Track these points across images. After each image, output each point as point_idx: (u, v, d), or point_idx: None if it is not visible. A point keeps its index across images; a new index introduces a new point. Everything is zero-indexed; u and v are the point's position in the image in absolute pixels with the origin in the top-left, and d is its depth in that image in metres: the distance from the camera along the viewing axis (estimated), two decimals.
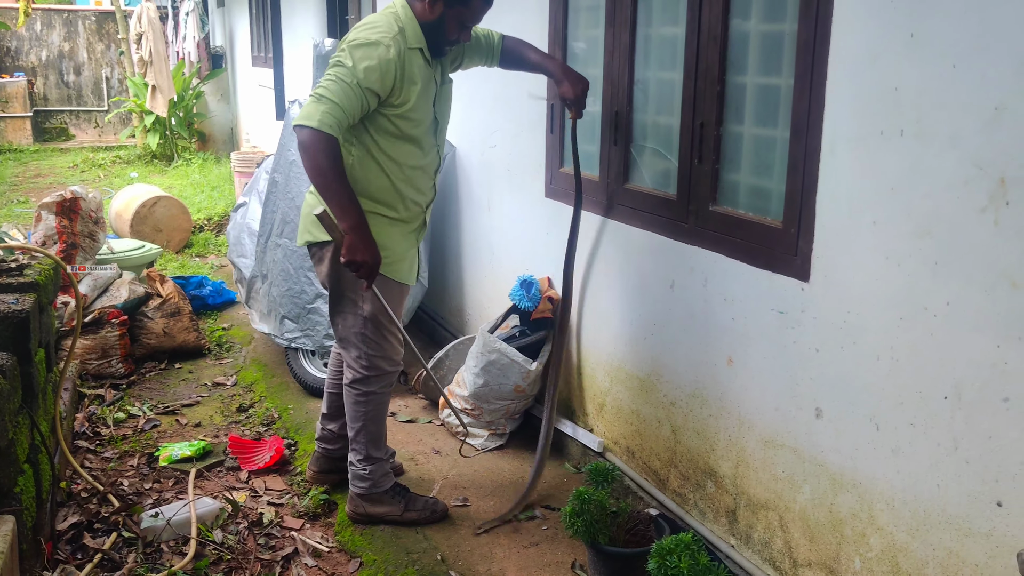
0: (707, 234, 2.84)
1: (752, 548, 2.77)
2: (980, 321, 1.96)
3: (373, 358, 3.13)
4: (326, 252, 3.07)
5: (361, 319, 3.08)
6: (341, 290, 3.09)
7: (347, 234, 2.82)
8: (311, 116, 2.74)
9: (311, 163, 2.77)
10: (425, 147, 3.07)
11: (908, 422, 2.17)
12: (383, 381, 3.19)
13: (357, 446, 3.24)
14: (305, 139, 2.75)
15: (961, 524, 2.05)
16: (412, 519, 3.24)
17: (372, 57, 2.80)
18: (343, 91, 2.78)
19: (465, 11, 2.94)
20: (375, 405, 3.21)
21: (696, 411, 2.98)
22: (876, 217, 2.21)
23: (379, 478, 3.25)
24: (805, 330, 2.48)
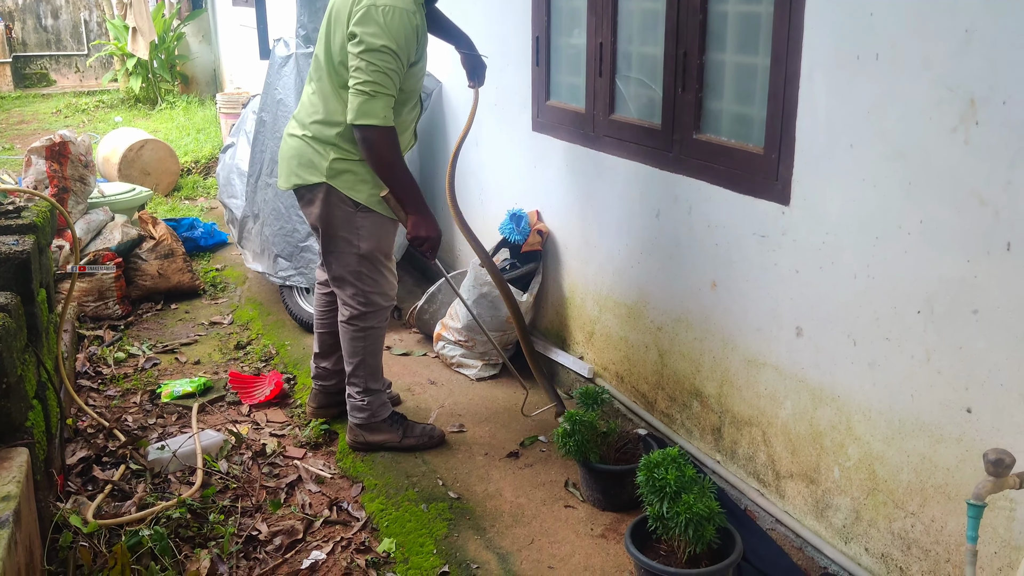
0: (691, 162, 2.91)
1: (737, 463, 2.90)
2: (951, 238, 2.05)
3: (369, 294, 3.20)
4: (317, 194, 3.10)
5: (357, 257, 3.13)
6: (334, 231, 3.14)
7: (411, 215, 3.04)
8: (374, 114, 2.84)
9: (379, 159, 2.93)
10: (414, 99, 3.15)
11: (883, 336, 2.27)
12: (380, 316, 3.26)
13: (356, 380, 3.32)
14: (371, 136, 2.88)
15: (933, 431, 2.17)
16: (410, 445, 3.35)
17: (406, 33, 2.86)
18: (393, 81, 2.87)
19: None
20: (373, 339, 3.29)
21: (682, 335, 3.08)
22: (853, 140, 2.28)
23: (377, 408, 3.35)
24: (785, 252, 2.56)
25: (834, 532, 2.53)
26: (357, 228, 3.10)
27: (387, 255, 3.19)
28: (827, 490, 2.53)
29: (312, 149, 3.07)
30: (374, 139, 2.87)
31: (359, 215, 3.09)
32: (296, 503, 3.12)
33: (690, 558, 2.42)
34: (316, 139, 3.06)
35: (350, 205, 3.07)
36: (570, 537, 2.84)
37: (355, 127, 2.88)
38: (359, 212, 3.09)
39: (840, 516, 2.50)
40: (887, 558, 2.36)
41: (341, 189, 3.05)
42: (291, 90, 4.42)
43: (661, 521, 2.39)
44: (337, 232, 3.13)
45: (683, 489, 2.36)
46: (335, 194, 3.06)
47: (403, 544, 2.84)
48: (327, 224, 3.13)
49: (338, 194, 3.06)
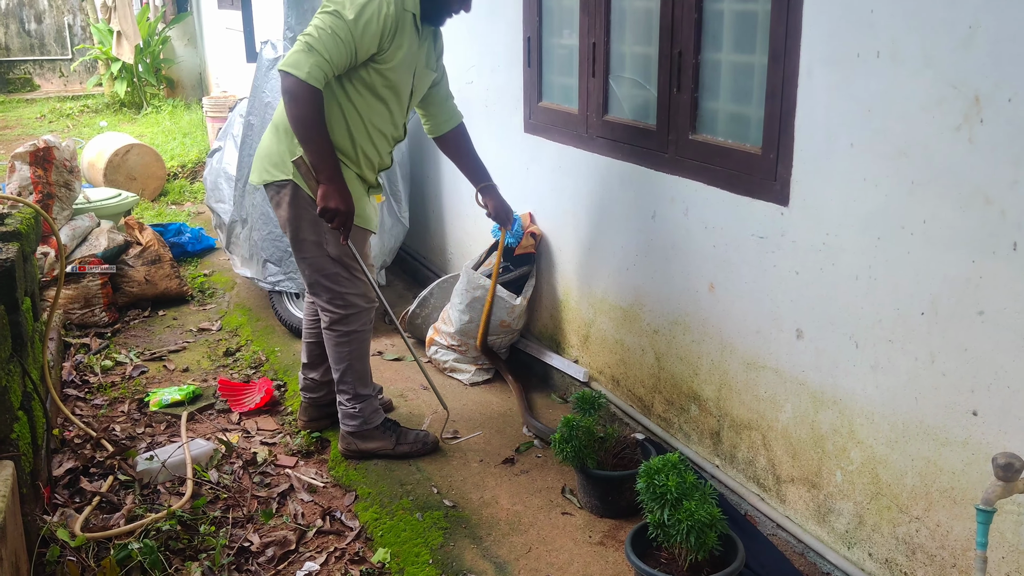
0: (687, 163, 2.87)
1: (736, 467, 2.86)
2: (955, 237, 2.02)
3: (347, 296, 3.13)
4: (283, 195, 3.04)
5: (328, 260, 3.07)
6: (302, 234, 3.07)
7: (322, 184, 2.88)
8: (299, 65, 2.74)
9: (294, 112, 2.80)
10: (393, 112, 3.07)
11: (886, 338, 2.24)
12: (361, 318, 3.19)
13: (344, 386, 3.26)
14: (291, 87, 2.77)
15: (938, 434, 2.13)
16: (404, 452, 3.29)
17: (369, 13, 2.79)
18: (336, 45, 2.77)
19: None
20: (357, 344, 3.22)
21: (679, 337, 3.04)
22: (853, 139, 2.24)
23: (369, 415, 3.28)
24: (785, 254, 2.53)
25: (836, 537, 2.49)
26: (324, 231, 3.02)
27: (356, 260, 3.10)
28: (829, 495, 2.50)
29: (283, 147, 3.02)
30: (293, 90, 2.76)
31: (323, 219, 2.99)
32: (288, 513, 3.07)
33: (691, 566, 2.38)
34: (287, 136, 3.00)
35: (314, 209, 2.97)
36: (568, 545, 2.80)
37: (280, 74, 2.79)
38: None
39: (843, 521, 2.46)
40: (891, 563, 2.32)
41: (307, 189, 2.98)
42: (279, 93, 4.35)
43: (662, 528, 2.35)
44: (304, 235, 3.06)
45: (684, 495, 2.32)
46: (301, 195, 3.00)
47: (398, 554, 2.79)
48: (295, 227, 3.07)
49: (304, 195, 3.00)
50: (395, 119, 3.10)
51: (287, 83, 2.78)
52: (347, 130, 3.00)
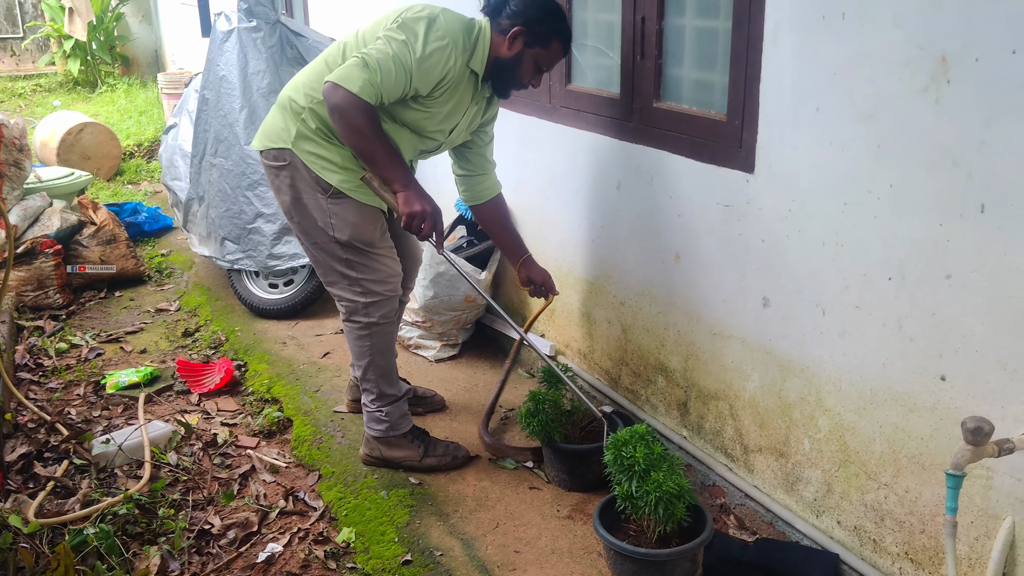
0: (652, 132, 2.82)
1: (704, 437, 2.84)
2: (923, 201, 1.99)
3: (365, 282, 2.85)
4: (282, 179, 2.79)
5: (339, 246, 2.81)
6: (307, 220, 2.81)
7: (399, 192, 2.65)
8: (352, 80, 2.51)
9: (348, 126, 2.57)
10: (417, 145, 2.87)
11: (853, 305, 2.21)
12: (383, 307, 2.89)
13: (368, 385, 3.00)
14: (341, 101, 2.53)
15: (906, 400, 2.12)
16: (431, 465, 3.02)
17: (437, 58, 2.60)
18: (395, 73, 2.56)
19: (544, 53, 2.77)
20: (380, 337, 2.94)
21: (645, 309, 3.01)
22: (819, 104, 2.21)
23: (396, 420, 3.02)
24: (751, 222, 2.49)
25: (805, 506, 2.48)
26: (329, 216, 2.77)
27: (371, 243, 2.83)
28: (797, 463, 2.48)
29: (286, 123, 2.77)
30: (343, 104, 2.52)
31: (330, 202, 2.76)
32: (250, 494, 3.00)
33: (660, 537, 2.36)
34: (293, 115, 2.76)
35: (320, 190, 2.75)
36: (536, 520, 2.76)
37: (325, 91, 2.55)
38: (330, 198, 2.76)
39: (811, 489, 2.45)
40: (860, 530, 2.31)
41: (309, 165, 2.73)
42: (234, 66, 4.25)
43: (630, 500, 2.32)
44: (309, 221, 2.81)
45: (652, 467, 2.29)
46: (302, 177, 2.75)
47: (363, 533, 2.74)
48: (299, 213, 2.82)
49: (304, 177, 2.75)
50: (416, 150, 2.88)
51: (336, 97, 2.53)
52: None
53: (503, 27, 2.73)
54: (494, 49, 2.74)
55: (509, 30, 2.72)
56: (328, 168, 2.74)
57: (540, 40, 2.74)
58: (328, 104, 2.56)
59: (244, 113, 4.24)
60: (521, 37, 2.72)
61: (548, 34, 2.74)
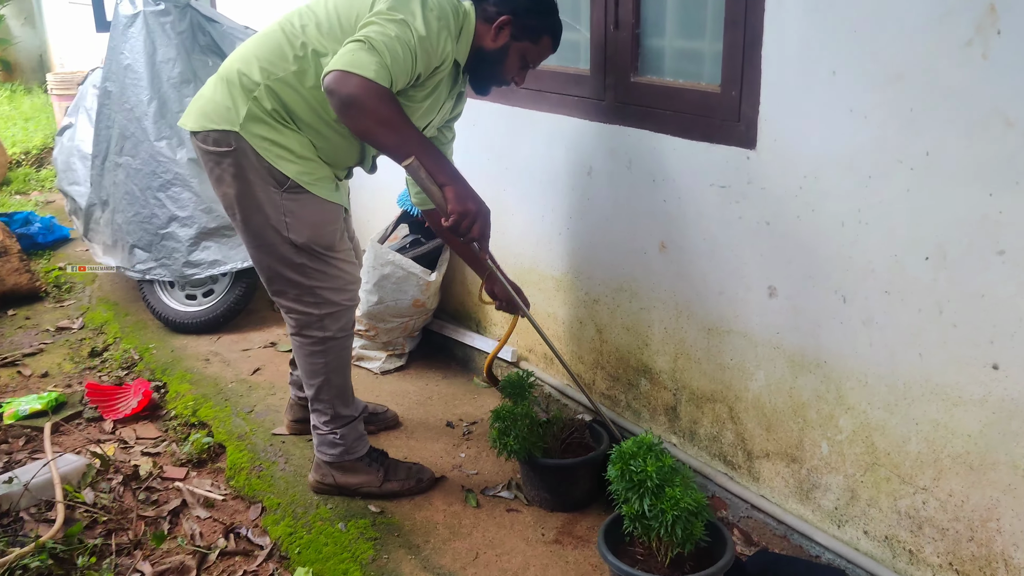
0: (629, 109, 2.56)
1: (698, 444, 2.59)
2: (967, 169, 1.77)
3: (319, 290, 2.49)
4: (225, 166, 2.37)
5: (292, 248, 2.42)
6: (256, 217, 2.40)
7: (448, 186, 2.24)
8: (364, 65, 2.10)
9: (372, 118, 2.14)
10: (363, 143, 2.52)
11: (881, 290, 1.99)
12: (340, 320, 2.55)
13: (320, 406, 2.64)
14: (358, 91, 2.09)
15: (949, 393, 1.90)
16: (393, 490, 2.69)
17: (439, 36, 2.27)
18: (404, 57, 2.18)
19: (532, 49, 2.46)
20: (336, 353, 2.59)
21: (624, 306, 2.74)
22: (835, 66, 1.97)
23: (352, 442, 2.67)
24: (752, 203, 2.25)
25: (824, 515, 2.25)
26: (283, 214, 2.38)
27: (330, 246, 2.47)
28: (813, 468, 2.25)
29: (230, 101, 2.35)
30: (360, 93, 2.08)
31: (286, 197, 2.38)
32: (183, 534, 2.61)
33: (673, 560, 2.08)
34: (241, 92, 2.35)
35: (273, 183, 2.36)
36: (520, 546, 2.46)
37: (332, 83, 2.10)
38: (285, 193, 2.37)
39: (831, 497, 2.22)
40: (892, 541, 2.09)
41: (261, 153, 2.33)
42: (140, 53, 3.82)
43: (640, 521, 2.04)
44: (259, 220, 2.40)
45: (665, 482, 2.01)
46: (250, 165, 2.34)
47: (321, 573, 2.39)
48: (246, 209, 2.40)
49: (254, 165, 2.35)
50: (364, 148, 2.53)
51: (351, 87, 2.09)
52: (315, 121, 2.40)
53: (489, 15, 2.41)
54: (478, 39, 2.43)
55: (495, 19, 2.40)
56: (284, 157, 2.36)
57: (529, 33, 2.44)
58: (339, 96, 2.10)
59: (153, 106, 3.81)
60: (508, 28, 2.41)
61: (538, 27, 2.45)
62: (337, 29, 2.34)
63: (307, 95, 2.34)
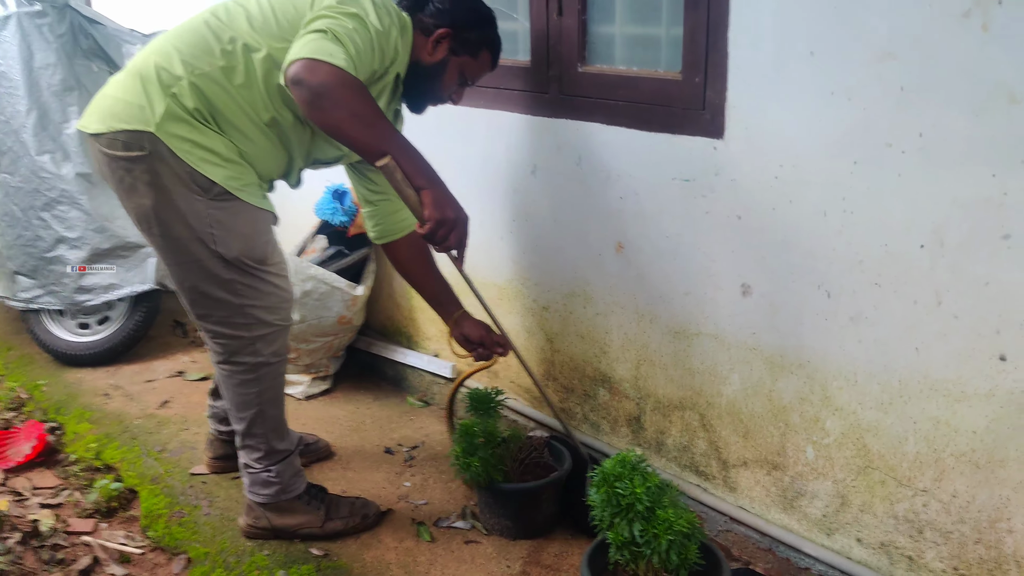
0: (577, 102, 2.39)
1: (666, 456, 2.43)
2: (967, 149, 1.66)
3: (252, 311, 2.21)
4: (138, 172, 2.05)
5: (221, 263, 2.13)
6: (175, 230, 2.10)
7: (426, 190, 1.97)
8: (332, 54, 1.84)
9: (346, 107, 1.85)
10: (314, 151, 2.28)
11: (871, 282, 1.87)
12: (274, 342, 2.27)
13: (253, 441, 2.36)
14: (329, 80, 1.82)
15: (951, 389, 1.79)
16: (337, 529, 2.42)
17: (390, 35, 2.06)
18: (365, 49, 1.96)
19: (472, 64, 2.27)
20: (270, 380, 2.32)
21: (578, 312, 2.56)
22: (814, 46, 1.85)
23: (289, 479, 2.40)
24: (721, 196, 2.10)
25: (811, 524, 2.12)
26: (210, 224, 2.09)
27: (263, 259, 2.19)
28: (798, 475, 2.11)
29: (144, 98, 2.04)
30: (333, 87, 1.82)
31: (213, 205, 2.09)
32: None
33: None
34: (163, 75, 2.04)
35: (196, 190, 2.07)
36: None
37: (300, 72, 1.82)
38: (212, 201, 2.08)
39: (818, 505, 2.09)
40: (889, 547, 1.97)
41: (182, 156, 2.03)
42: (15, 60, 3.42)
43: (629, 548, 1.85)
44: (181, 233, 2.10)
45: (655, 503, 1.84)
46: (167, 170, 2.04)
47: None
48: (164, 222, 2.10)
49: (172, 171, 2.04)
50: (293, 158, 2.27)
51: (321, 75, 1.82)
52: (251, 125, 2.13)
53: (426, 26, 2.19)
54: (415, 51, 2.20)
55: (433, 31, 2.19)
56: (209, 160, 2.07)
57: (469, 48, 2.24)
58: (310, 86, 1.82)
59: (33, 116, 3.42)
60: (447, 41, 2.21)
61: (478, 41, 2.26)
62: (272, 24, 2.08)
63: (235, 93, 2.07)
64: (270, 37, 2.07)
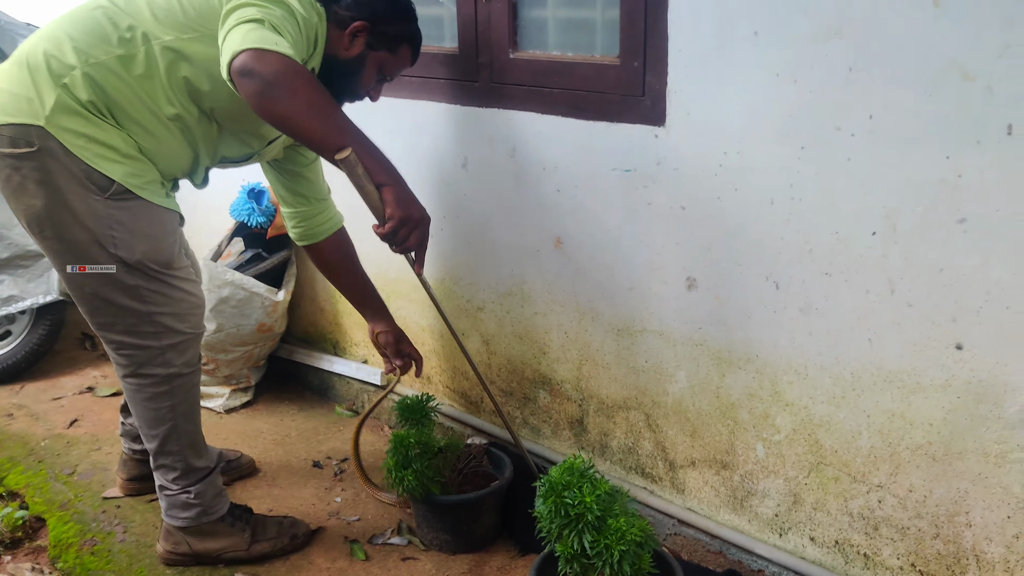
0: (509, 90, 2.27)
1: (610, 458, 2.33)
2: (920, 130, 1.60)
3: (160, 318, 2.04)
4: (28, 172, 1.87)
5: (123, 267, 1.96)
6: (70, 232, 1.92)
7: (387, 187, 1.82)
8: (276, 43, 1.69)
9: (302, 98, 1.69)
10: (220, 149, 2.12)
11: (821, 272, 1.79)
12: (185, 352, 2.10)
13: (167, 460, 2.18)
14: (281, 67, 1.66)
15: (906, 380, 1.72)
16: (264, 552, 2.26)
17: (312, 24, 1.92)
18: (297, 38, 1.81)
19: (390, 59, 2.11)
20: (184, 393, 2.14)
21: (515, 311, 2.45)
22: (758, 26, 1.77)
23: (210, 500, 2.23)
24: (664, 186, 2.01)
25: (763, 524, 2.04)
26: (109, 226, 1.92)
27: (168, 263, 2.02)
28: (748, 474, 2.04)
29: (33, 90, 1.85)
30: (283, 75, 1.66)
31: (111, 205, 1.91)
32: None
33: None
34: (53, 64, 1.86)
35: (93, 189, 1.89)
36: None
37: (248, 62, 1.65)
38: (110, 200, 1.91)
39: (770, 504, 2.01)
40: (844, 546, 1.90)
41: (76, 151, 1.86)
42: None
43: (579, 560, 1.75)
44: (77, 235, 1.92)
45: (606, 512, 1.73)
46: (62, 168, 1.86)
47: None
48: (58, 224, 1.93)
49: (68, 169, 1.87)
50: (198, 155, 2.09)
51: (272, 64, 1.65)
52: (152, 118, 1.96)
53: (341, 19, 2.03)
54: (330, 45, 2.05)
55: (349, 24, 2.03)
56: (106, 156, 1.88)
57: (387, 43, 2.10)
58: (262, 77, 1.66)
59: None
60: (364, 35, 2.05)
61: (398, 36, 2.11)
62: (178, 12, 1.91)
63: (135, 85, 1.89)
64: (174, 27, 1.91)
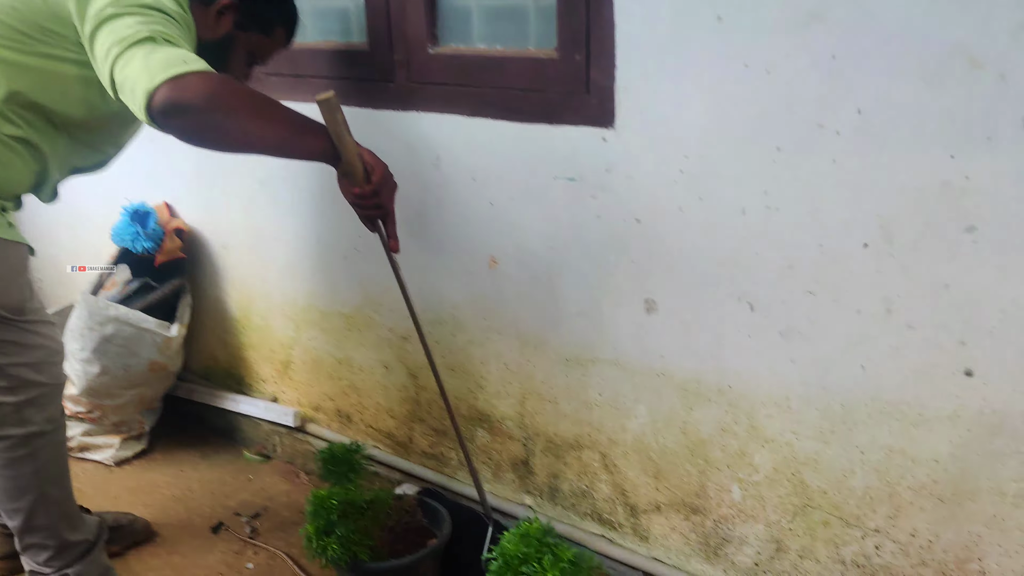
0: (430, 91, 1.98)
1: (562, 504, 2.07)
2: (919, 127, 1.38)
3: (15, 371, 1.74)
4: None
5: None
6: None
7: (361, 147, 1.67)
8: (188, 60, 1.42)
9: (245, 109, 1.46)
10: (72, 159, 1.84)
11: (804, 290, 1.57)
12: (47, 407, 1.82)
13: (37, 538, 1.88)
14: (210, 87, 1.41)
15: (907, 411, 1.51)
16: None
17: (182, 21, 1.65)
18: (188, 46, 1.54)
19: (263, 42, 1.90)
20: (49, 453, 1.84)
21: (446, 341, 2.16)
22: (722, 10, 1.53)
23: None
24: (615, 197, 1.76)
25: (741, 574, 1.81)
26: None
27: (19, 307, 1.72)
28: (722, 519, 1.81)
29: None
30: (221, 93, 1.42)
31: None
32: None
33: None
34: None
35: None
36: None
37: (174, 96, 1.39)
38: None
39: (748, 551, 1.79)
40: None
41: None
42: None
43: None
44: None
45: None
46: None
47: None
48: None
49: None
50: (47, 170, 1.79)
51: (200, 88, 1.40)
52: None
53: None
54: (198, 30, 1.76)
55: (214, 1, 1.76)
56: None
57: (259, 24, 1.86)
58: (198, 107, 1.40)
59: None
60: (230, 14, 1.80)
61: (270, 18, 1.88)
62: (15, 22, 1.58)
63: None
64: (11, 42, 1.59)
